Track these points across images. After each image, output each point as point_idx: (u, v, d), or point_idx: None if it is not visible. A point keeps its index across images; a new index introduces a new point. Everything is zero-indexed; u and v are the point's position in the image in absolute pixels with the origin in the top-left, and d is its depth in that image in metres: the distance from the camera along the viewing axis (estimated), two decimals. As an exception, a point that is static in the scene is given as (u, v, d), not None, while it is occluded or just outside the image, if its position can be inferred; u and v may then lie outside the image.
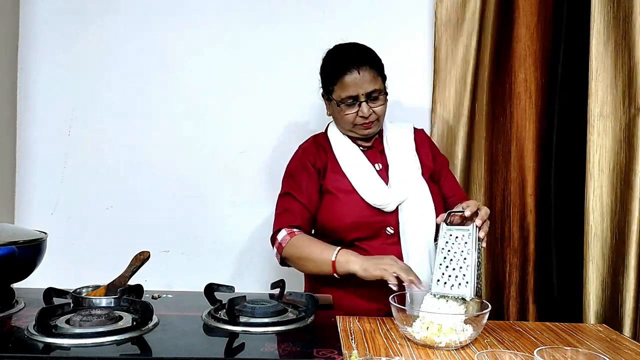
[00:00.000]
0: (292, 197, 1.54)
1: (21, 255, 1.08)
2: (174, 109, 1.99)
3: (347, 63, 1.48)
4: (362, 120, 1.50)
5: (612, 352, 1.21)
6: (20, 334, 0.94)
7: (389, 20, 1.98)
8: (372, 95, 1.49)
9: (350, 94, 1.48)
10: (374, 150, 1.58)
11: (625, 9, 1.61)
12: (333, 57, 1.55)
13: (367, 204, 1.48)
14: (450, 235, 1.29)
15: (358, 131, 1.54)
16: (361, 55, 1.50)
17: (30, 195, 1.98)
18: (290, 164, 1.61)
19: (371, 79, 1.48)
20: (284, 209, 1.55)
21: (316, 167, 1.56)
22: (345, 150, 1.56)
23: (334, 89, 1.51)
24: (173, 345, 0.93)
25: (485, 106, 1.86)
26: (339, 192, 1.51)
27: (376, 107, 1.50)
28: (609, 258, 1.64)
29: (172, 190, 1.98)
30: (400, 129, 1.63)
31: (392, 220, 1.49)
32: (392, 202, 1.48)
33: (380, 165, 1.55)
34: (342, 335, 1.21)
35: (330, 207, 1.51)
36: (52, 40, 1.97)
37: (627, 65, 1.61)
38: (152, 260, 1.24)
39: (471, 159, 1.87)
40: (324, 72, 1.57)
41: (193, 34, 1.98)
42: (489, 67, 1.86)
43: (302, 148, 1.63)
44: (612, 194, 1.65)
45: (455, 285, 1.23)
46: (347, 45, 1.55)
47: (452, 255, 1.26)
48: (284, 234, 1.51)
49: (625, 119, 1.63)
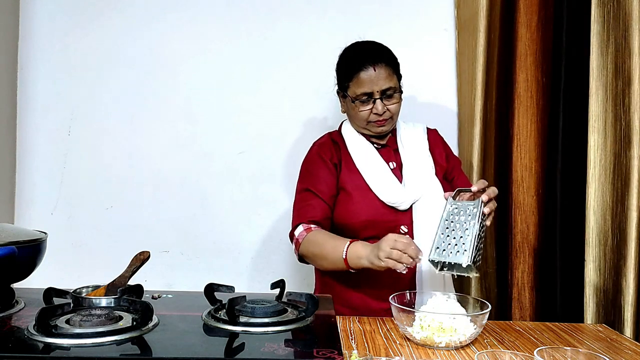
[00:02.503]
0: (311, 192, 1.53)
1: (21, 255, 1.08)
2: (174, 109, 1.99)
3: (363, 60, 1.48)
4: (376, 117, 1.50)
5: (612, 352, 1.20)
6: (20, 334, 0.93)
7: (408, 20, 1.98)
8: (387, 92, 1.49)
9: (365, 91, 1.48)
10: (388, 148, 1.58)
11: (625, 8, 1.61)
12: (349, 53, 1.55)
13: (381, 202, 1.48)
14: (455, 208, 1.29)
15: (372, 128, 1.54)
16: (377, 53, 1.50)
17: (30, 195, 1.98)
18: (307, 160, 1.60)
19: (387, 76, 1.48)
20: (302, 205, 1.54)
21: (333, 162, 1.56)
22: (360, 148, 1.56)
23: (349, 85, 1.51)
24: (173, 345, 0.93)
25: (495, 106, 1.87)
26: (353, 190, 1.51)
27: (390, 105, 1.50)
28: (610, 258, 1.64)
29: (172, 190, 1.98)
30: (414, 128, 1.63)
31: (406, 219, 1.49)
32: (406, 201, 1.48)
33: (394, 164, 1.55)
34: (342, 335, 1.21)
35: (345, 204, 1.51)
36: (52, 40, 1.97)
37: (627, 64, 1.61)
38: (152, 260, 1.24)
39: (485, 159, 1.87)
40: (339, 69, 1.57)
41: (193, 34, 1.98)
42: (496, 66, 1.86)
43: (318, 144, 1.62)
44: (612, 194, 1.65)
45: (453, 253, 1.23)
46: (364, 42, 1.56)
47: (454, 226, 1.26)
48: (301, 230, 1.50)
49: (625, 118, 1.63)
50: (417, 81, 1.94)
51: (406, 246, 1.28)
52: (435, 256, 1.25)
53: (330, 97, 1.96)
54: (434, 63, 1.99)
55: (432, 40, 1.98)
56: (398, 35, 1.95)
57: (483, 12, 1.81)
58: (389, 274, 1.37)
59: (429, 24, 1.98)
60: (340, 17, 1.97)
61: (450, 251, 1.24)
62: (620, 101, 1.64)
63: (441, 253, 1.25)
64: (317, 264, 1.52)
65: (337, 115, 1.97)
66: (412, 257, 1.28)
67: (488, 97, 1.86)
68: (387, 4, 1.97)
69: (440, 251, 1.25)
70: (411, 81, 1.91)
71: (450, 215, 1.28)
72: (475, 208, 1.25)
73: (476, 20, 1.83)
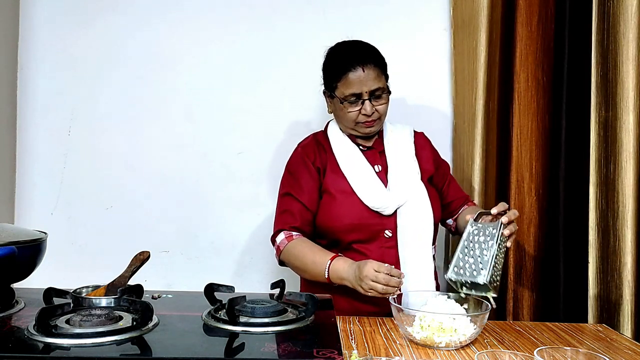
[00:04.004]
0: (292, 197, 1.53)
1: (21, 255, 1.08)
2: (174, 109, 1.99)
3: (351, 60, 1.47)
4: (365, 118, 1.49)
5: (612, 352, 1.20)
6: (20, 334, 0.93)
7: (404, 20, 1.98)
8: (376, 93, 1.48)
9: (354, 92, 1.47)
10: (374, 151, 1.57)
11: (625, 6, 1.61)
12: (337, 54, 1.54)
13: (365, 206, 1.47)
14: (475, 229, 1.30)
15: (359, 129, 1.53)
16: (366, 53, 1.49)
17: (30, 195, 1.98)
18: (290, 162, 1.60)
19: (375, 77, 1.47)
20: (283, 210, 1.54)
21: (316, 165, 1.55)
22: (345, 150, 1.55)
23: (337, 85, 1.50)
24: (173, 345, 0.93)
25: (496, 105, 1.87)
26: (337, 193, 1.50)
27: (379, 106, 1.49)
28: (610, 259, 1.64)
29: (171, 190, 1.98)
30: (401, 130, 1.62)
31: (391, 224, 1.48)
32: (391, 205, 1.47)
33: (379, 167, 1.54)
34: (342, 335, 1.21)
35: (328, 207, 1.50)
36: (52, 40, 1.97)
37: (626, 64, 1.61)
38: (152, 260, 1.24)
39: (487, 159, 1.87)
40: (327, 69, 1.55)
41: (193, 34, 1.98)
42: (498, 65, 1.86)
43: (301, 146, 1.61)
44: (613, 194, 1.65)
45: (470, 272, 1.25)
46: (351, 42, 1.54)
47: (473, 246, 1.28)
48: (282, 238, 1.51)
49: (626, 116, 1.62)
50: (411, 81, 1.95)
51: (387, 280, 1.29)
52: (453, 275, 1.28)
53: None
54: (428, 63, 1.98)
55: (428, 40, 1.98)
56: (397, 35, 1.95)
57: (484, 12, 1.81)
58: None
59: (428, 24, 1.98)
60: (340, 17, 1.97)
61: (468, 270, 1.25)
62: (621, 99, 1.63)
63: (459, 272, 1.27)
64: (299, 274, 1.53)
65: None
66: (395, 286, 1.29)
67: (490, 96, 1.85)
68: (386, 4, 1.97)
69: (458, 270, 1.27)
70: (405, 81, 1.92)
71: (470, 236, 1.30)
72: (495, 229, 1.27)
73: (477, 19, 1.82)
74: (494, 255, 1.24)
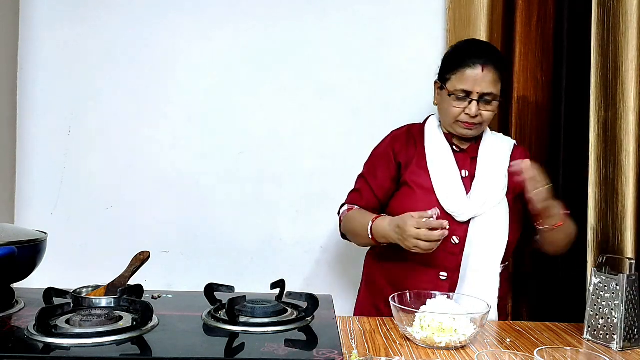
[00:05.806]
0: (365, 180, 1.57)
1: (21, 255, 1.08)
2: (174, 109, 1.99)
3: (473, 56, 1.44)
4: (467, 118, 1.45)
5: (612, 351, 1.21)
6: (20, 334, 0.94)
7: (404, 20, 1.97)
8: (486, 97, 1.45)
9: (465, 88, 1.44)
10: (466, 155, 1.53)
11: (625, 5, 1.61)
12: (462, 46, 1.52)
13: (441, 207, 1.43)
14: (599, 282, 1.30)
15: (457, 129, 1.49)
16: (490, 55, 1.47)
17: (30, 195, 1.98)
18: (377, 147, 1.61)
19: (492, 80, 1.44)
20: (355, 189, 1.60)
21: (397, 159, 1.53)
22: (437, 147, 1.52)
23: (451, 77, 1.47)
24: (173, 345, 0.93)
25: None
26: (417, 188, 1.48)
27: (485, 111, 1.46)
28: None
29: (172, 190, 1.98)
30: (500, 141, 1.58)
31: (461, 231, 1.44)
32: (466, 213, 1.44)
33: (466, 172, 1.50)
34: (342, 335, 1.21)
35: (405, 199, 1.49)
36: (52, 40, 1.96)
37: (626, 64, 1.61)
38: (152, 260, 1.24)
39: None
40: (446, 59, 1.53)
41: (194, 34, 1.98)
42: None
43: (392, 135, 1.60)
44: (612, 193, 1.65)
45: (603, 336, 1.25)
46: (483, 42, 1.57)
47: (600, 305, 1.28)
48: (344, 209, 1.57)
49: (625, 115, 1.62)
50: (411, 81, 1.95)
51: (429, 237, 1.28)
52: (589, 337, 1.29)
53: (331, 97, 1.96)
54: (429, 63, 1.95)
55: (428, 40, 1.97)
56: (397, 35, 1.95)
57: (484, 12, 1.81)
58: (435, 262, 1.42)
59: (428, 24, 1.98)
60: (340, 17, 1.96)
61: (601, 333, 1.26)
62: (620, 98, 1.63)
63: (593, 333, 1.28)
64: (354, 241, 1.57)
65: (339, 115, 1.97)
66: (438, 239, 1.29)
67: None
68: (386, 4, 1.97)
69: (592, 331, 1.29)
70: (405, 81, 1.93)
71: (597, 289, 1.30)
72: (618, 284, 1.26)
73: (477, 19, 1.82)
74: (623, 315, 1.22)
